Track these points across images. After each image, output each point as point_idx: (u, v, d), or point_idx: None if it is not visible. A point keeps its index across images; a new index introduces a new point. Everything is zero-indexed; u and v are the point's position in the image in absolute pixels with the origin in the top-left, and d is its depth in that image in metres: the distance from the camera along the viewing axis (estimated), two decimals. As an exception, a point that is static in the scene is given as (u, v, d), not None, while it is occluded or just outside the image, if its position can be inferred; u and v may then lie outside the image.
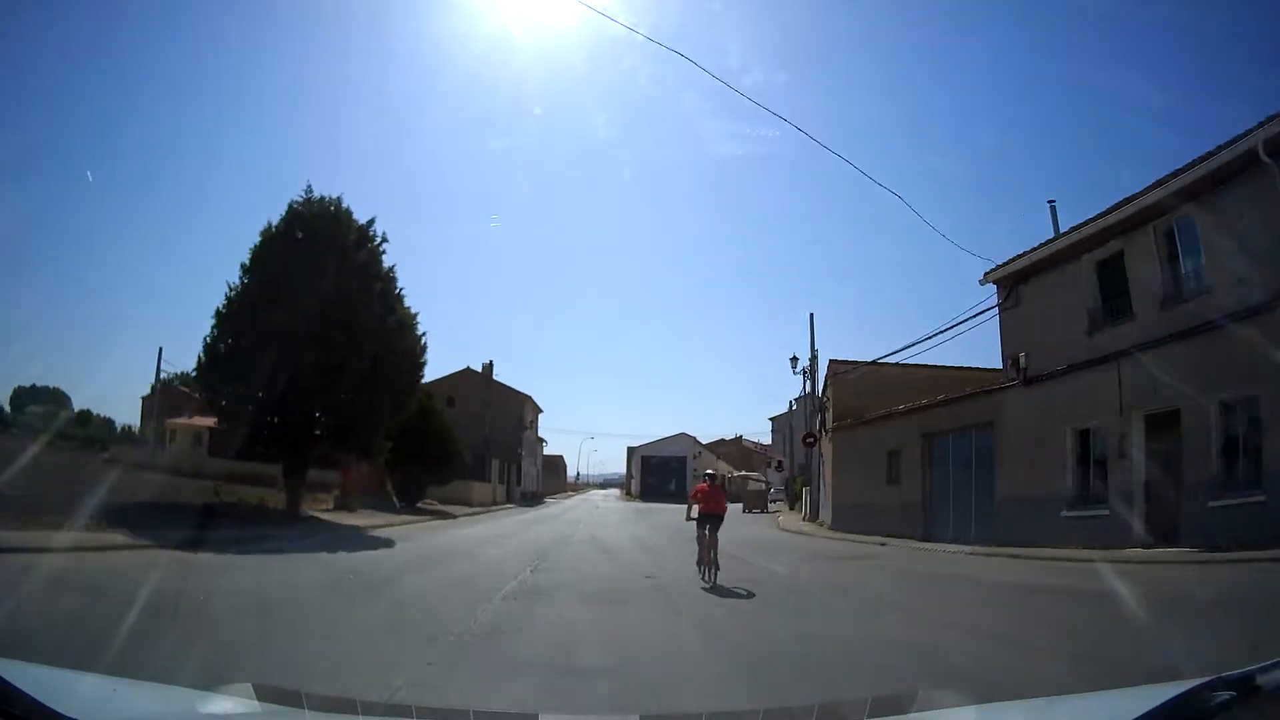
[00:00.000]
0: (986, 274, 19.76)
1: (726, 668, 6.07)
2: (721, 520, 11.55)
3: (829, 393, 27.94)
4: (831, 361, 28.03)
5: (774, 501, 54.79)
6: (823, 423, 30.63)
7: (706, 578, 10.96)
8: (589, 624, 8.07)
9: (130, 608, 6.61)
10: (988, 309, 19.88)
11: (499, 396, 55.78)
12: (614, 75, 55.54)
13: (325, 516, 23.00)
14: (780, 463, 65.51)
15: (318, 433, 21.08)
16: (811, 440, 30.57)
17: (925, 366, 26.12)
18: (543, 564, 13.94)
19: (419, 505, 31.80)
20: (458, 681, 5.31)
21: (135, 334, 72.50)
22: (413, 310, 22.57)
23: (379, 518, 24.37)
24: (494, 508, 40.33)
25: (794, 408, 53.51)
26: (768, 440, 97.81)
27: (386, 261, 21.99)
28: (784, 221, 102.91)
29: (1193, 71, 48.49)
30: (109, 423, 56.29)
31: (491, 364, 57.24)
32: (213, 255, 77.74)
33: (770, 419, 67.08)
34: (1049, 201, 20.92)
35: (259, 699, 2.55)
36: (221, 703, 2.36)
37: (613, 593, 10.58)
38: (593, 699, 4.99)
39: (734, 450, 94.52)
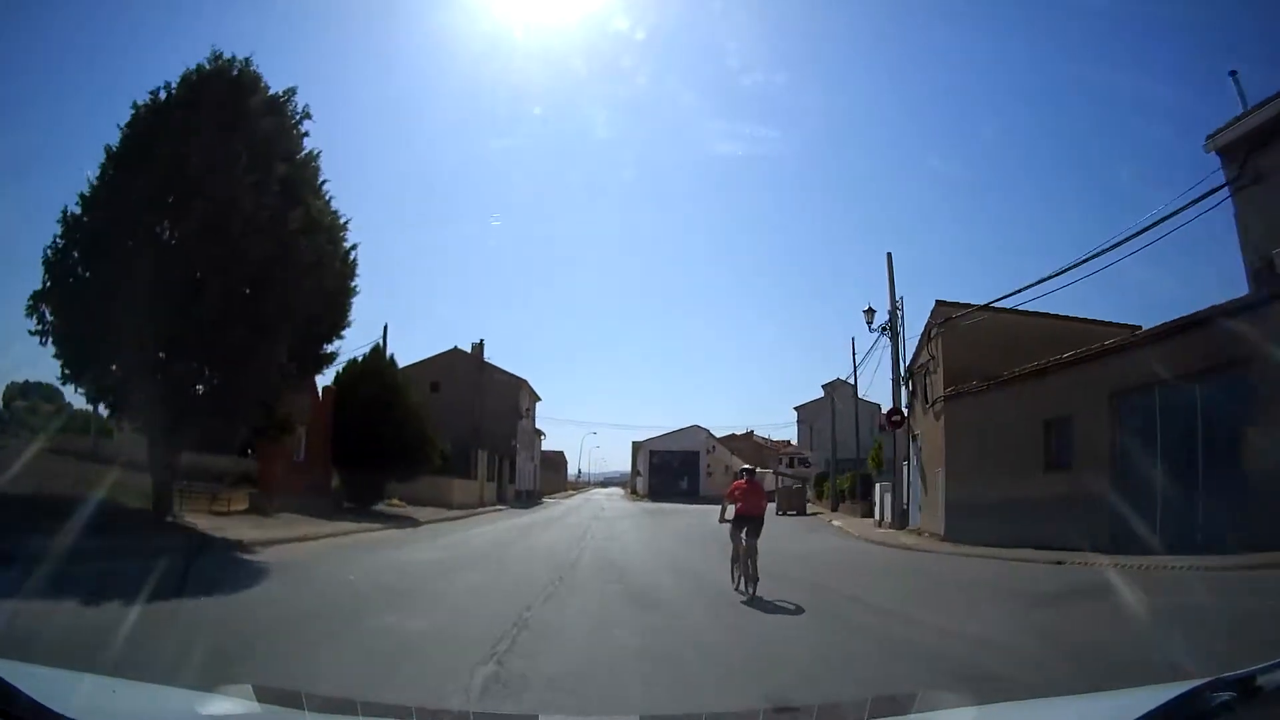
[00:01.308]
0: (1212, 135, 12.65)
1: None
2: (762, 522, 9.95)
3: (935, 348, 20.37)
4: (939, 304, 20.45)
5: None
6: (915, 394, 23.04)
7: (742, 587, 9.40)
8: None
9: None
10: (1209, 192, 12.53)
11: (491, 381, 48.24)
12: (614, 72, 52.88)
13: (215, 523, 15.43)
14: (805, 460, 58.27)
15: (199, 389, 13.48)
16: (898, 420, 22.97)
17: (1055, 317, 18.98)
18: (519, 645, 6.27)
19: (375, 508, 24.28)
20: None
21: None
22: (341, 216, 15.04)
23: (300, 526, 16.87)
24: (479, 510, 32.78)
25: (834, 391, 47.07)
26: (777, 436, 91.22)
27: (309, 146, 14.53)
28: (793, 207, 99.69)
29: (1193, 69, 47.00)
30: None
31: (482, 344, 49.65)
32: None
33: (796, 408, 59.66)
34: (1230, 72, 13.52)
35: (259, 699, 2.55)
36: (221, 703, 2.31)
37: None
38: None
39: (745, 446, 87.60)
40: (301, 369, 14.66)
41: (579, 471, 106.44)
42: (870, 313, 24.21)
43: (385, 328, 32.78)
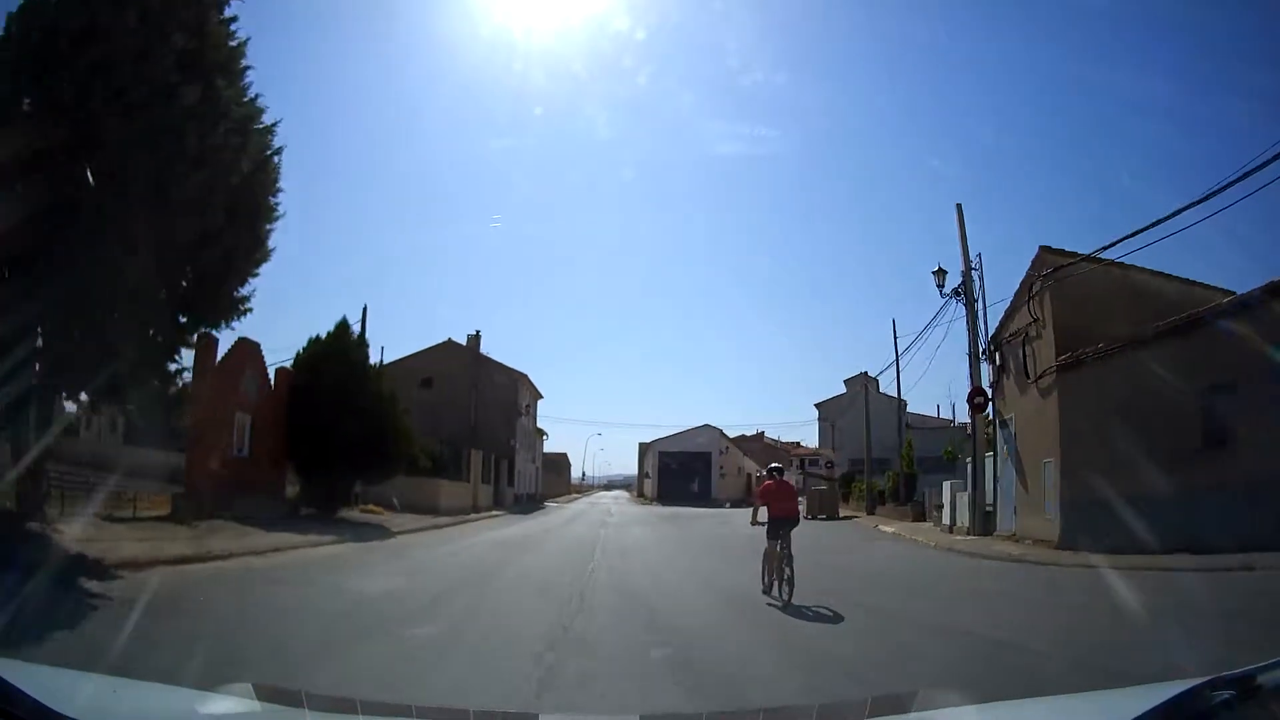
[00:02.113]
0: None
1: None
2: (796, 524, 9.35)
3: (1040, 307, 16.11)
4: (1045, 251, 16.11)
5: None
6: (1003, 370, 18.80)
7: (777, 593, 8.75)
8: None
9: None
10: None
11: (488, 376, 44.14)
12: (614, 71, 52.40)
13: (101, 532, 11.21)
14: (830, 462, 54.10)
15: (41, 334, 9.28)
16: (981, 401, 18.74)
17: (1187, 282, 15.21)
18: None
19: (341, 515, 20.09)
20: None
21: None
22: (266, 112, 10.86)
23: (221, 539, 12.71)
24: (471, 517, 28.51)
25: (863, 384, 43.28)
26: (787, 437, 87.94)
27: (239, 32, 10.41)
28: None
29: (1194, 69, 47.13)
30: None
31: (479, 335, 45.56)
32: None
33: (816, 405, 55.41)
34: None
35: (259, 699, 2.49)
36: (221, 703, 2.31)
37: None
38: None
39: (756, 447, 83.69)
40: (190, 313, 10.44)
41: (583, 474, 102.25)
42: (941, 274, 19.97)
43: (365, 309, 28.60)
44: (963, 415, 37.04)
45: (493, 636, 6.73)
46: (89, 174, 8.17)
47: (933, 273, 20.03)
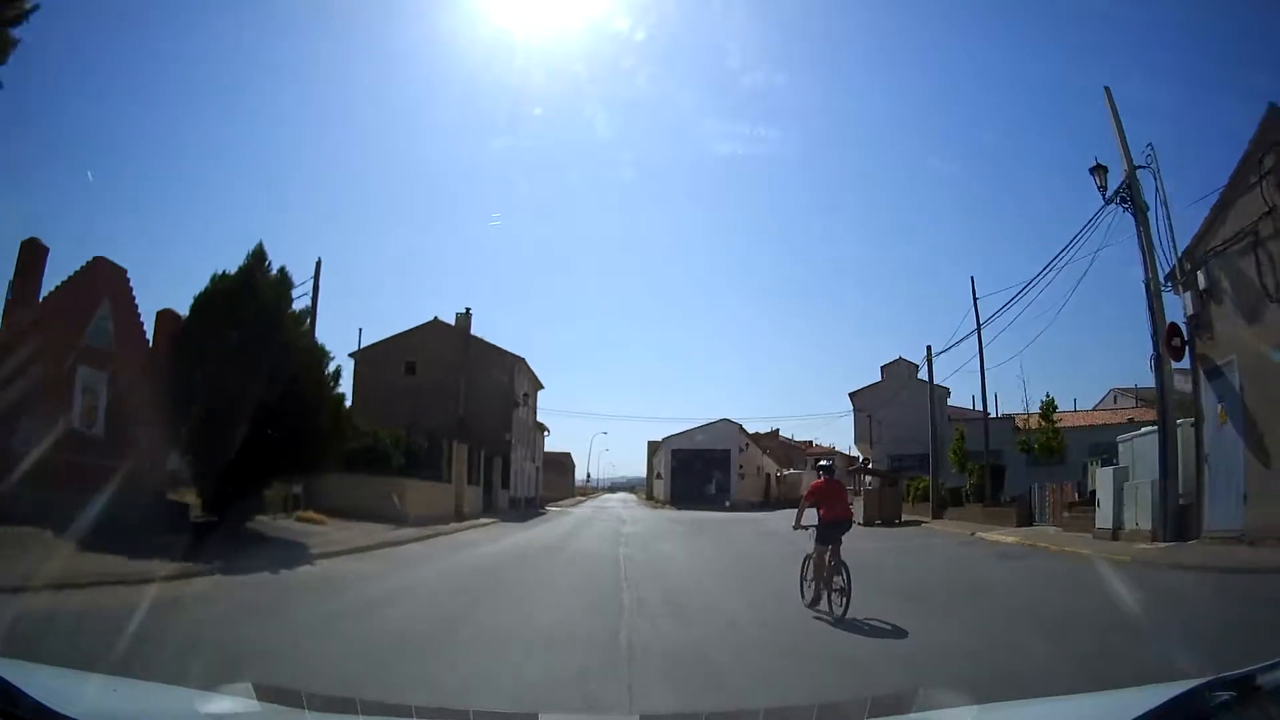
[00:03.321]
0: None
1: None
2: (850, 528, 8.24)
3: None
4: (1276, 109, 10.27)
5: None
6: (1209, 296, 12.81)
7: (826, 606, 7.63)
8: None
9: None
10: None
11: (480, 361, 38.31)
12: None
13: None
14: (866, 461, 48.10)
15: None
16: (1179, 344, 12.85)
17: None
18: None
19: (255, 525, 14.16)
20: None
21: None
22: None
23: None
24: (449, 527, 22.37)
25: (902, 371, 37.87)
26: (800, 436, 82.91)
27: None
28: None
29: (1193, 70, 46.02)
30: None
31: (469, 314, 39.74)
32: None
33: (851, 394, 49.49)
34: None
35: (259, 699, 2.51)
36: (222, 702, 2.31)
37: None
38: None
39: (771, 445, 77.79)
40: None
41: (588, 476, 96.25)
42: (1101, 171, 14.09)
43: (319, 262, 22.48)
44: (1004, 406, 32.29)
45: None
46: None
47: (1090, 170, 14.13)
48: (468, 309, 39.81)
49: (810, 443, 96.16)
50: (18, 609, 6.27)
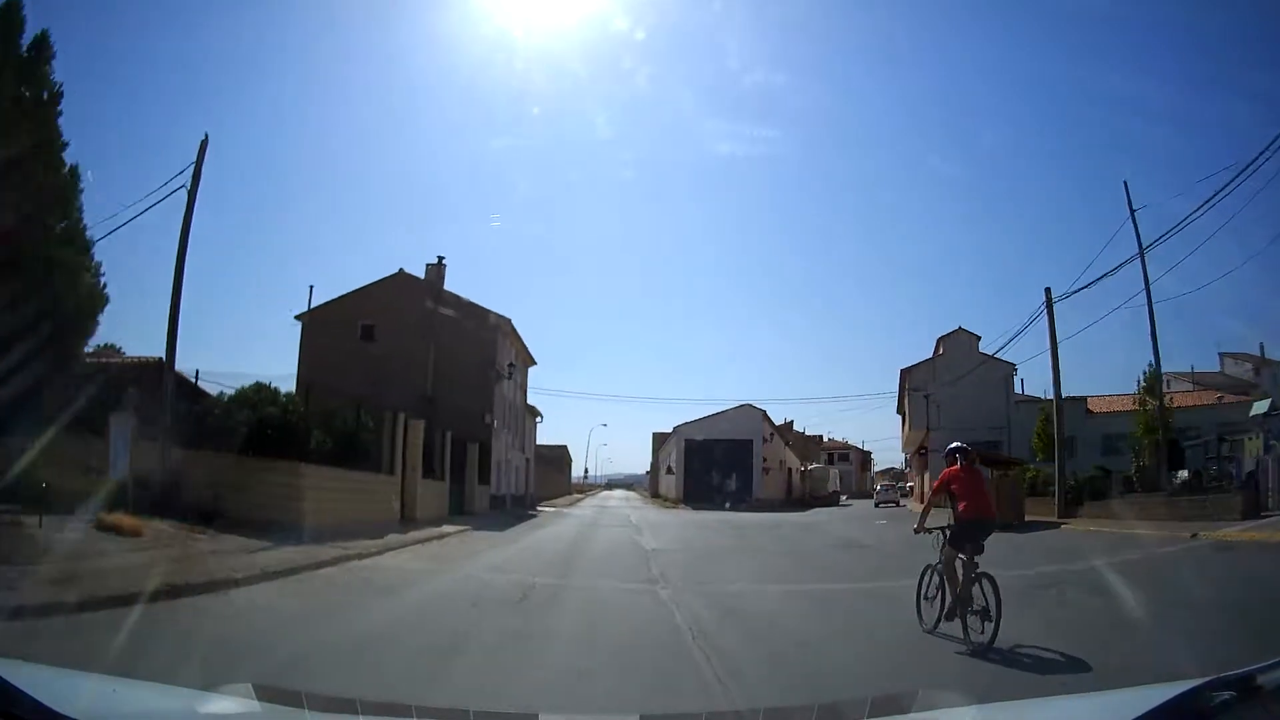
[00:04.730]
0: None
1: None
2: (993, 530, 6.60)
3: None
4: None
5: (891, 504, 40.90)
6: None
7: (962, 630, 5.99)
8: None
9: None
10: None
11: (455, 325, 30.50)
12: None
13: None
14: (923, 450, 40.68)
15: None
16: None
17: None
18: None
19: None
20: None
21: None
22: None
23: None
24: (374, 545, 14.00)
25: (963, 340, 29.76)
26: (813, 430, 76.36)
27: None
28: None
29: (1194, 70, 44.51)
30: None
31: (442, 265, 31.81)
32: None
33: (903, 370, 41.92)
34: None
35: (259, 699, 2.46)
36: (222, 703, 2.27)
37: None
38: None
39: (789, 437, 69.86)
40: None
41: (585, 472, 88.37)
42: None
43: (205, 138, 14.49)
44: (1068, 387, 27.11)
45: None
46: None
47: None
48: (440, 258, 31.87)
49: (821, 437, 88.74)
50: None
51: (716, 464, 49.88)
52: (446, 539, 16.79)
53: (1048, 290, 23.98)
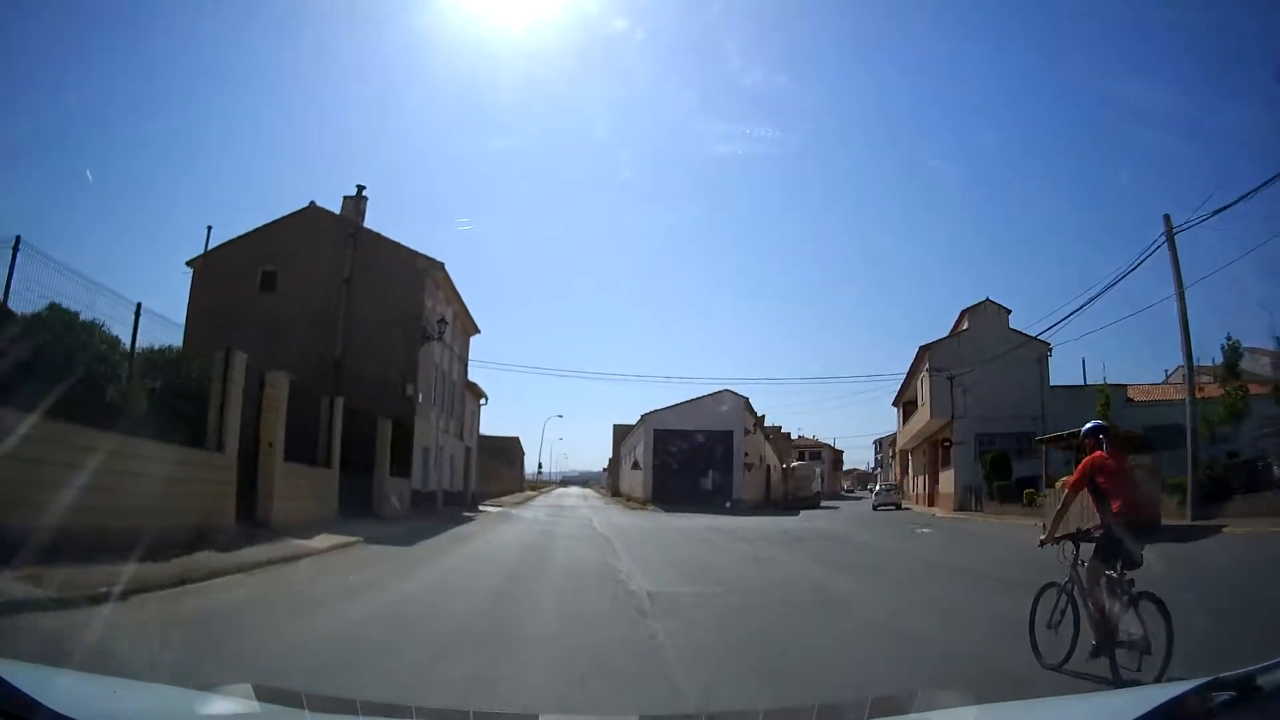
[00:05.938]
0: None
1: None
2: (1156, 537, 5.24)
3: None
4: None
5: (891, 506, 39.01)
6: None
7: (1110, 668, 4.46)
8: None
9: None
10: None
11: (375, 272, 23.57)
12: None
13: None
14: (946, 442, 35.20)
15: None
16: None
17: None
18: None
19: None
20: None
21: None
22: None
23: None
24: (123, 581, 7.67)
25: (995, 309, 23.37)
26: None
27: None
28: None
29: (1194, 73, 45.51)
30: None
31: (362, 196, 24.71)
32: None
33: (923, 347, 36.21)
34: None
35: (259, 699, 2.46)
36: (221, 703, 2.24)
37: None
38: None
39: (765, 432, 63.87)
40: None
41: (539, 467, 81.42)
42: None
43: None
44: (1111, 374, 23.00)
45: None
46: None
47: None
48: (360, 188, 24.80)
49: (789, 435, 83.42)
50: None
51: (691, 458, 43.48)
52: (295, 564, 9.94)
53: (1167, 217, 18.12)
